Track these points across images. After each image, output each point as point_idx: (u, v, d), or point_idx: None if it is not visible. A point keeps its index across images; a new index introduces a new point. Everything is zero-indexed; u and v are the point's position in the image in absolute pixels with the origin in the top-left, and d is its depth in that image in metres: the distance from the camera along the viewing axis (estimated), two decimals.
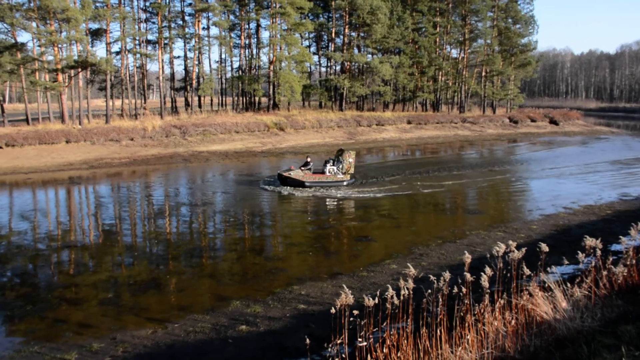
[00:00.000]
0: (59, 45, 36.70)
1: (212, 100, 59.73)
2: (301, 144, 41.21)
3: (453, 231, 15.62)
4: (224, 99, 58.74)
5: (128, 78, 46.91)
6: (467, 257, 6.87)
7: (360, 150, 39.80)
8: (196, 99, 53.16)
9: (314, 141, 42.73)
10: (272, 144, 40.15)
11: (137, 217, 17.93)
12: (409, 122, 53.81)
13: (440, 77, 63.24)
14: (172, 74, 53.15)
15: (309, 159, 23.64)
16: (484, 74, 64.35)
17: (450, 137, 51.45)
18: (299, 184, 22.49)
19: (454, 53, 67.02)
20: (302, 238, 15.12)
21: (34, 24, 36.05)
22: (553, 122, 64.53)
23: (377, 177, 26.07)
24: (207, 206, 19.29)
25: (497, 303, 6.89)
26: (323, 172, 23.44)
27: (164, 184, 24.46)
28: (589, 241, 7.60)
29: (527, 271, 6.93)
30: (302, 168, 23.04)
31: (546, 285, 7.41)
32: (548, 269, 7.95)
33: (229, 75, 58.10)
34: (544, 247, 7.24)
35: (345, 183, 23.43)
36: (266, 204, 19.89)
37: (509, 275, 7.35)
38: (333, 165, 23.65)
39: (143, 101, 49.19)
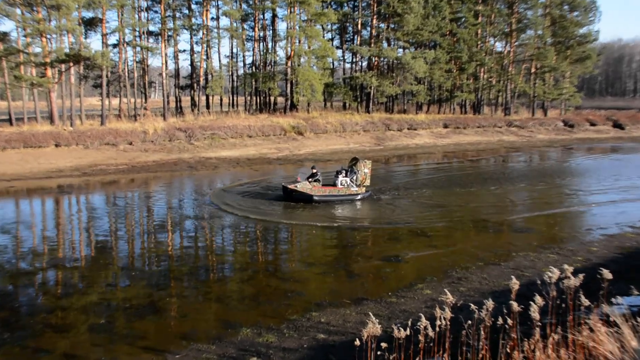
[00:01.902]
0: (48, 36, 37.05)
1: (221, 100, 60.30)
2: (322, 150, 41.24)
3: (496, 252, 15.39)
4: (235, 98, 59.25)
5: (127, 74, 47.61)
6: (514, 283, 6.72)
7: (390, 157, 39.71)
8: (204, 98, 53.71)
9: (337, 147, 42.74)
10: (289, 149, 40.26)
11: (135, 232, 18.03)
12: (445, 126, 53.60)
13: (482, 74, 62.95)
14: (177, 70, 53.84)
15: (314, 170, 23.07)
16: (533, 70, 63.78)
17: (493, 143, 51.06)
18: (306, 198, 21.92)
19: (499, 46, 66.74)
20: (322, 257, 15.04)
21: (18, 11, 36.34)
22: (617, 125, 63.52)
23: (407, 187, 25.94)
24: (214, 219, 19.33)
25: (550, 338, 6.71)
26: (334, 185, 23.09)
27: (166, 194, 24.62)
28: None
29: (585, 301, 6.72)
30: (310, 180, 22.56)
31: (610, 319, 7.17)
32: (612, 299, 7.71)
33: (241, 72, 58.67)
34: (607, 274, 7.03)
35: (359, 197, 23.04)
36: (280, 216, 19.86)
37: (563, 305, 7.16)
38: (346, 176, 23.35)
39: (144, 100, 49.82)
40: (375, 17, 55.68)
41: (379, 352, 5.93)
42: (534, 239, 16.94)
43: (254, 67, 56.18)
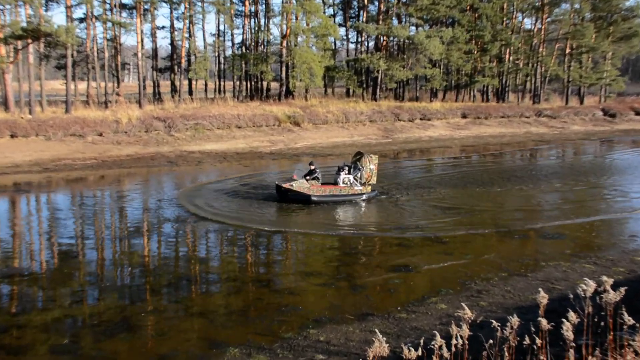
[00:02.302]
0: (1, 7, 36.60)
1: (206, 85, 60.40)
2: (322, 144, 41.25)
3: (523, 261, 15.37)
4: (222, 83, 59.22)
5: (96, 54, 47.48)
6: (543, 297, 6.69)
7: (399, 151, 39.72)
8: (186, 83, 53.66)
9: (339, 139, 42.74)
10: (284, 142, 40.28)
11: (105, 237, 18.01)
12: (463, 116, 53.61)
13: (507, 56, 62.86)
14: (155, 50, 53.72)
15: (313, 166, 23.15)
16: (568, 50, 63.56)
17: (519, 135, 51.04)
18: (303, 198, 22.08)
19: (527, 23, 66.82)
20: (321, 265, 15.05)
21: None
22: None
23: (419, 186, 25.99)
24: (197, 223, 19.31)
25: None
26: (335, 183, 23.19)
27: (142, 193, 24.58)
28: None
29: (629, 320, 6.67)
30: (307, 178, 22.63)
31: None
32: None
33: (228, 53, 58.64)
34: None
35: (364, 197, 23.16)
36: (273, 218, 19.88)
37: (602, 324, 7.12)
38: (349, 173, 23.40)
39: (116, 85, 49.75)
40: None
41: None
42: (567, 246, 16.91)
43: (243, 48, 56.14)
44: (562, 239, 17.73)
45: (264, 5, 54.85)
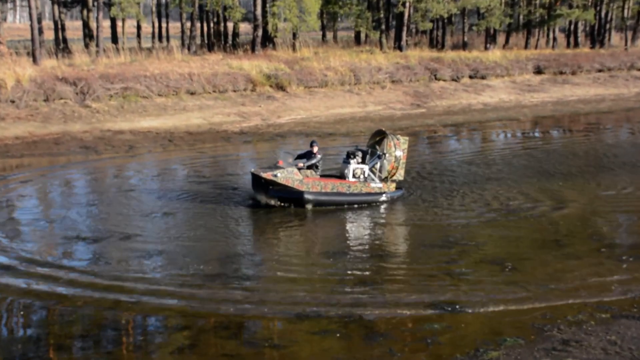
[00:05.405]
0: None
1: (139, 28, 60.19)
2: (319, 117, 41.21)
3: (634, 294, 15.36)
4: (163, 26, 59.05)
5: None
6: None
7: (437, 127, 39.62)
8: (107, 24, 53.53)
9: (345, 110, 42.69)
10: (262, 116, 40.23)
11: None
12: (538, 71, 53.64)
13: None
14: None
15: (315, 148, 22.73)
16: None
17: (627, 98, 51.18)
18: (292, 196, 21.67)
19: None
20: (320, 303, 14.99)
21: None
22: None
23: (468, 182, 26.14)
24: (131, 240, 19.31)
25: None
26: (343, 176, 22.95)
27: (41, 197, 24.51)
28: None
29: None
30: (302, 164, 22.25)
31: None
32: None
33: None
34: None
35: (384, 197, 23.02)
36: (246, 231, 19.98)
37: None
38: (363, 162, 23.22)
39: None
40: None
41: None
42: None
43: None
44: None
45: None
